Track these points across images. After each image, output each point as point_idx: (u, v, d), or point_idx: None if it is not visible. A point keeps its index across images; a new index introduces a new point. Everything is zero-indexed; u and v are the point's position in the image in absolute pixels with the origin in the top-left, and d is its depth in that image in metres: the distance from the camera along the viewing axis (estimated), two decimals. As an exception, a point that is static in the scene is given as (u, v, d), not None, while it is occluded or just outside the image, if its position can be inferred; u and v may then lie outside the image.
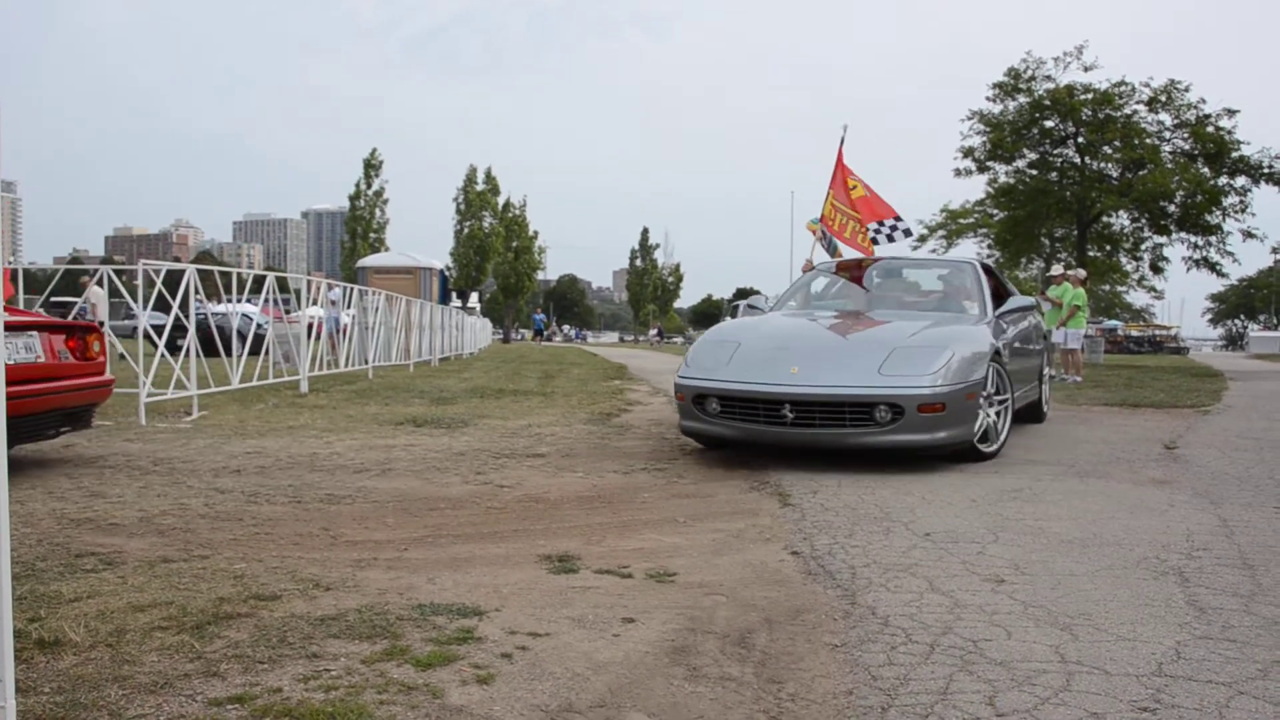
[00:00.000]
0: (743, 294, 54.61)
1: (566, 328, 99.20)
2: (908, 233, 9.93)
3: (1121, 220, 26.81)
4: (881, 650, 2.69)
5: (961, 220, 30.71)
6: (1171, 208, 25.18)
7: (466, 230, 59.04)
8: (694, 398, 6.13)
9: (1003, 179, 27.58)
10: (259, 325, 11.31)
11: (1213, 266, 25.75)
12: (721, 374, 6.05)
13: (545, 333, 60.86)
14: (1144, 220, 26.12)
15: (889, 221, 10.14)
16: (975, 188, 54.68)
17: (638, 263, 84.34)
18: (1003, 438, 6.30)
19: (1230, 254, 25.42)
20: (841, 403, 5.56)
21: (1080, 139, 26.21)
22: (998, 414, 6.26)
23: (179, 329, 9.27)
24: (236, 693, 2.28)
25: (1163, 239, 26.44)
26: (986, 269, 8.23)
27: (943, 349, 5.83)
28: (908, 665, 2.57)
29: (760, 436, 5.85)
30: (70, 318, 11.00)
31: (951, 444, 5.70)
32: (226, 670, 2.42)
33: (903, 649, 2.70)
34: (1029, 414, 8.21)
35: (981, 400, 5.96)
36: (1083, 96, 25.39)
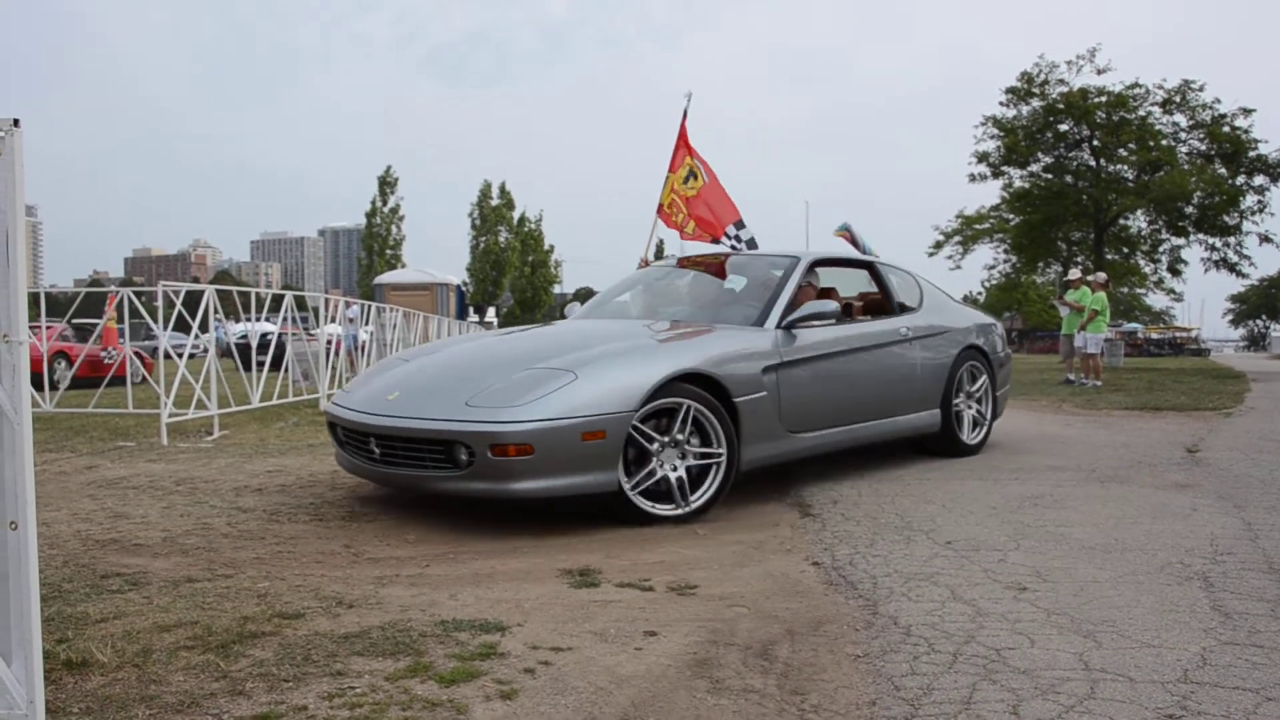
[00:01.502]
0: None
1: None
2: (752, 243, 8.28)
3: (1139, 222, 26.72)
4: (904, 660, 2.68)
5: (977, 226, 30.63)
6: (1189, 209, 25.06)
7: (482, 245, 59.27)
8: (329, 423, 5.33)
9: (1017, 183, 27.53)
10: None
11: (1232, 267, 25.62)
12: (349, 399, 5.18)
13: None
14: (1161, 222, 26.02)
15: (732, 230, 8.47)
16: (990, 193, 54.57)
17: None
18: (700, 499, 4.68)
19: (1247, 256, 25.30)
20: (418, 439, 4.57)
21: (1095, 142, 26.15)
22: (693, 468, 4.72)
23: (263, 347, 9.55)
24: (262, 711, 2.30)
25: (1180, 241, 26.34)
26: (863, 264, 6.98)
27: (561, 374, 4.54)
28: (931, 675, 2.56)
29: (364, 473, 4.99)
30: None
31: (556, 495, 4.42)
32: (252, 689, 2.44)
33: (925, 659, 2.69)
34: (941, 446, 6.73)
35: (656, 445, 4.58)
36: (1096, 99, 25.35)
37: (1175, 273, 27.35)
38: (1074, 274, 15.84)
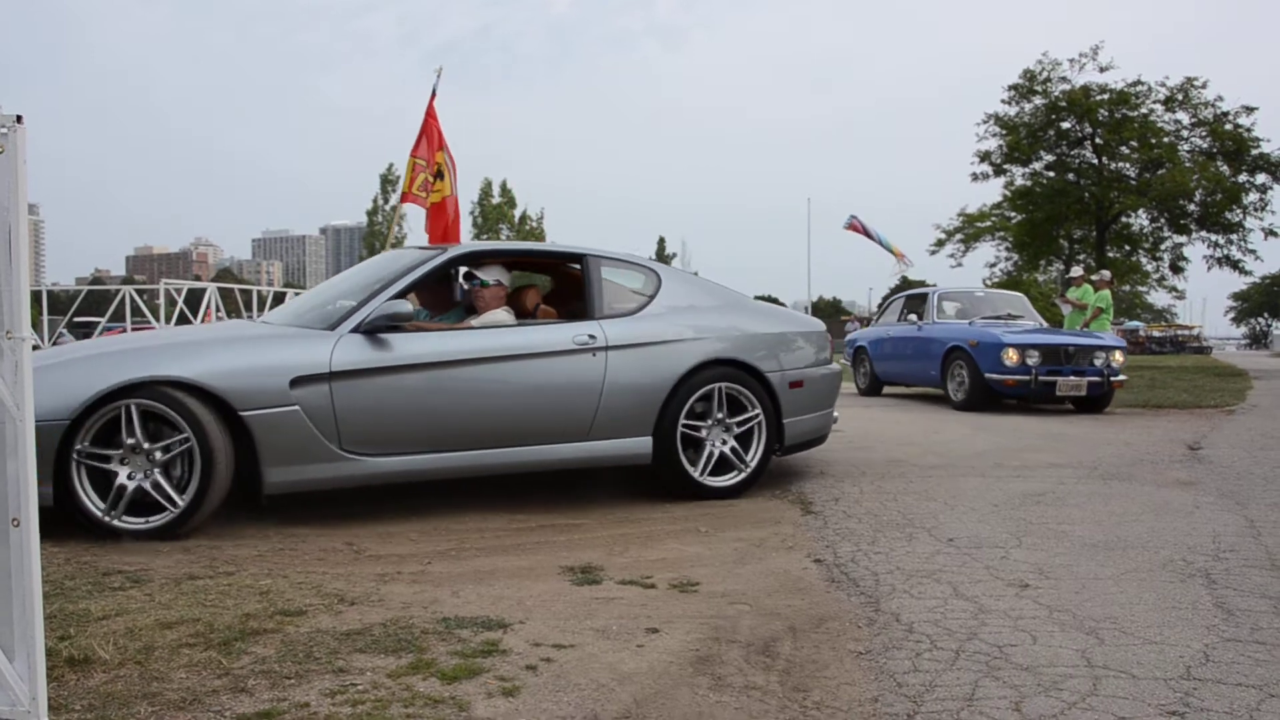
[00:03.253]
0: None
1: None
2: None
3: (1141, 220, 26.71)
4: (906, 657, 2.68)
5: (979, 224, 30.60)
6: (1191, 206, 25.06)
7: (484, 243, 59.34)
8: None
9: (1020, 182, 27.52)
10: None
11: (1234, 264, 25.62)
12: None
13: None
14: (1163, 220, 26.02)
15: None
16: (992, 191, 54.50)
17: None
18: (157, 520, 4.14)
19: (1252, 251, 25.30)
20: None
21: (1097, 140, 26.12)
22: (183, 479, 4.18)
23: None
24: (264, 708, 2.30)
25: (1182, 238, 26.34)
26: (574, 258, 5.54)
27: None
28: (933, 671, 2.56)
29: None
30: None
31: None
32: (254, 686, 2.44)
33: (928, 655, 2.69)
34: (667, 483, 5.17)
35: (117, 457, 4.11)
36: (1099, 97, 25.33)
37: (1177, 270, 27.33)
38: (1076, 272, 15.81)
